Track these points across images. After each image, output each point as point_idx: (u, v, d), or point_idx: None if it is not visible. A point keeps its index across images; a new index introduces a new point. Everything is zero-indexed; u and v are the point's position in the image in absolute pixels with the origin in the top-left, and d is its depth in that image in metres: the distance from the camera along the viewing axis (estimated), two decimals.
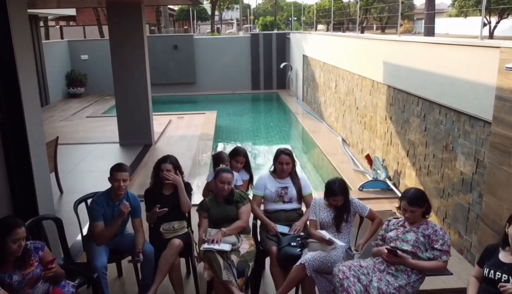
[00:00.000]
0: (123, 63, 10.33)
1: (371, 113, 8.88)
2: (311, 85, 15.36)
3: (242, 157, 5.22)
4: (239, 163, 5.20)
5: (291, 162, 4.87)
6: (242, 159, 5.22)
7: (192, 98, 19.66)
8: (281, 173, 4.90)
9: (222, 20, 74.64)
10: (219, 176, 4.44)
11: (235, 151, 5.28)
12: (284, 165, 4.84)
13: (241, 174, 5.33)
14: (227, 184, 4.40)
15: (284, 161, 4.84)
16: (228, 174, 4.43)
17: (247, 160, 5.31)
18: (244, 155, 5.25)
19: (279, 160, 4.90)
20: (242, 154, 5.24)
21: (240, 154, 5.22)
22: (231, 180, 4.44)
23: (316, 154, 10.91)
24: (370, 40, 8.79)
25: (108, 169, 4.56)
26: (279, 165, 4.89)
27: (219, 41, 20.41)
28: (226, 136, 13.23)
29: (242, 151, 5.26)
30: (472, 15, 39.07)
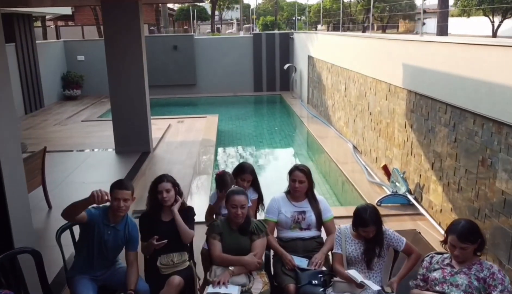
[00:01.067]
0: (118, 64, 9.65)
1: (387, 119, 8.19)
2: (317, 88, 14.67)
3: (249, 174, 4.57)
4: (246, 181, 4.55)
5: (305, 180, 4.20)
6: (249, 177, 4.56)
7: (192, 100, 18.98)
8: (294, 193, 4.24)
9: (222, 20, 74.11)
10: (230, 199, 3.78)
11: (240, 168, 4.61)
12: (297, 183, 4.17)
13: (249, 193, 4.68)
14: (241, 208, 3.73)
15: (298, 178, 4.18)
16: (240, 196, 3.78)
17: (254, 177, 4.65)
18: (251, 172, 4.59)
19: (292, 177, 4.24)
20: (249, 171, 4.58)
21: (246, 171, 4.57)
22: (244, 203, 3.79)
23: (325, 162, 10.22)
24: (386, 40, 8.11)
25: (102, 179, 3.91)
26: (291, 183, 4.23)
27: (220, 41, 19.73)
28: (228, 142, 12.54)
29: (248, 168, 4.60)
30: (475, 15, 38.50)
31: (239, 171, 4.57)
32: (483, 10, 33.59)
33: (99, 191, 3.50)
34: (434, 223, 6.24)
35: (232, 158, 10.93)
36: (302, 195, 4.28)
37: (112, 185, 3.79)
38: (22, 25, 14.99)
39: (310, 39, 15.46)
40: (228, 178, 4.41)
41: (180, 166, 9.28)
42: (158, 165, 9.48)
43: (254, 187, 4.68)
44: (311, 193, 4.34)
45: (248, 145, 12.08)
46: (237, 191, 3.84)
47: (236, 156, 11.14)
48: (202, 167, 9.26)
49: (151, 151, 10.24)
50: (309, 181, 4.27)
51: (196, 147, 10.80)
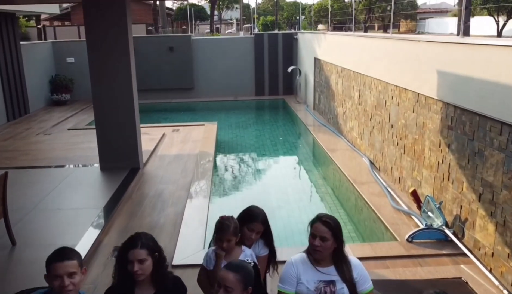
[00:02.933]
0: (103, 68, 8.49)
1: (414, 135, 6.99)
2: (324, 93, 13.47)
3: (260, 224, 3.41)
4: (255, 232, 3.39)
5: (330, 238, 3.00)
6: (259, 227, 3.42)
7: (190, 105, 17.77)
8: (314, 254, 3.04)
9: (222, 20, 72.99)
10: (219, 278, 2.63)
11: (249, 215, 3.46)
12: (317, 240, 2.99)
13: (257, 247, 3.53)
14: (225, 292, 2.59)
15: (319, 233, 3.01)
16: (229, 275, 2.62)
17: (266, 227, 3.49)
18: (262, 221, 3.44)
19: (312, 230, 3.05)
20: (260, 219, 3.43)
21: (256, 219, 3.43)
22: (233, 286, 2.62)
23: (338, 180, 9.02)
24: (415, 42, 6.91)
25: (81, 204, 2.89)
26: (310, 239, 3.03)
27: (219, 42, 18.53)
28: (228, 155, 11.35)
29: (259, 215, 3.45)
30: (479, 14, 37.42)
31: (247, 218, 3.42)
32: (488, 10, 32.52)
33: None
34: (483, 268, 5.05)
35: (232, 177, 9.72)
36: (326, 257, 3.07)
37: (49, 259, 2.59)
38: (4, 24, 13.79)
39: (316, 39, 14.27)
40: (230, 225, 3.25)
41: (172, 187, 8.08)
42: (147, 185, 8.27)
43: (265, 239, 3.53)
44: (339, 255, 3.12)
45: (249, 160, 10.87)
46: (232, 267, 2.67)
47: (236, 174, 9.93)
48: (198, 188, 8.05)
49: (140, 167, 9.04)
50: (335, 238, 3.05)
51: (192, 161, 9.60)
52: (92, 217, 6.71)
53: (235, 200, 8.14)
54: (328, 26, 47.32)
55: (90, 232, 6.23)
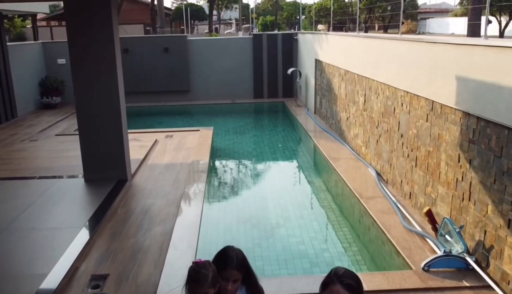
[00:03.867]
0: (85, 71, 7.82)
1: (428, 147, 6.31)
2: (326, 96, 12.79)
3: (235, 270, 2.72)
4: (230, 281, 2.71)
5: None
6: (235, 275, 2.74)
7: (186, 108, 17.08)
8: None
9: (221, 20, 72.38)
10: None
11: (222, 259, 2.77)
12: None
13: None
14: None
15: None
16: None
17: (247, 273, 2.79)
18: (238, 267, 2.74)
19: (326, 292, 2.36)
20: (235, 264, 2.73)
21: (230, 264, 2.74)
22: None
23: (342, 193, 8.34)
24: (430, 44, 6.21)
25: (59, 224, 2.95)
26: None
27: (216, 42, 17.84)
28: (223, 164, 10.67)
29: (233, 259, 2.75)
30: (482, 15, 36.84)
31: (220, 263, 2.72)
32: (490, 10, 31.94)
33: None
34: None
35: (228, 190, 9.02)
36: None
37: None
38: None
39: (318, 40, 13.58)
40: (208, 274, 2.57)
41: (161, 202, 7.39)
42: (135, 199, 7.59)
43: (248, 286, 2.84)
44: None
45: (246, 170, 10.17)
46: None
47: (232, 187, 9.24)
48: (189, 204, 7.36)
49: (128, 179, 8.35)
50: None
51: (185, 172, 8.91)
52: (70, 238, 6.02)
53: (231, 218, 7.45)
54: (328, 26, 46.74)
55: (66, 257, 5.53)
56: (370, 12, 45.88)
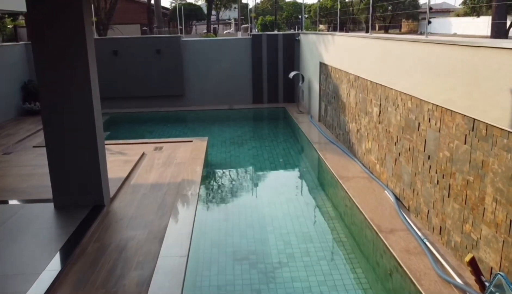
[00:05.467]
0: (52, 76, 6.60)
1: (467, 175, 5.11)
2: (332, 104, 11.59)
3: None
4: None
5: None
6: None
7: (179, 115, 15.88)
8: None
9: (220, 19, 71.29)
10: None
11: None
12: None
13: None
14: None
15: None
16: None
17: None
18: None
19: None
20: None
21: None
22: None
23: (355, 223, 7.14)
24: (470, 48, 5.00)
25: (13, 268, 1.73)
26: None
27: (213, 43, 16.63)
28: (218, 183, 9.45)
29: None
30: (485, 14, 35.79)
31: None
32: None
33: None
34: None
35: (221, 217, 7.79)
36: None
37: None
38: None
39: (322, 41, 12.39)
40: None
41: (142, 235, 6.19)
42: (110, 232, 6.38)
43: None
44: None
45: (243, 192, 8.92)
46: None
47: (226, 214, 8.01)
48: (175, 237, 6.14)
49: (106, 204, 7.15)
50: None
51: (173, 193, 7.72)
52: (22, 290, 4.82)
53: (225, 255, 6.23)
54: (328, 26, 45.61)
55: None
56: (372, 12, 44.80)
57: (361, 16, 49.08)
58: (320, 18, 38.11)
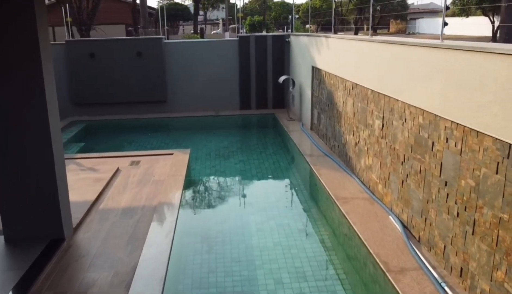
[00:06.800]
0: None
1: (499, 212, 4.17)
2: (326, 112, 10.64)
3: None
4: None
5: None
6: None
7: (162, 122, 14.82)
8: None
9: (207, 20, 70.24)
10: None
11: None
12: None
13: None
14: None
15: None
16: None
17: None
18: None
19: None
20: None
21: None
22: None
23: (357, 258, 6.19)
24: (498, 55, 4.07)
25: None
26: None
27: (197, 45, 15.60)
28: (200, 205, 8.42)
29: None
30: (475, 15, 35.34)
31: None
32: (483, 10, 30.35)
33: None
34: None
35: (203, 250, 6.75)
36: None
37: None
38: None
39: (315, 44, 11.44)
40: None
41: (106, 279, 5.17)
42: (68, 275, 5.33)
43: None
44: None
45: (228, 217, 7.89)
46: None
47: (209, 246, 6.98)
48: (144, 284, 5.11)
49: (66, 236, 6.10)
50: None
51: (147, 221, 6.70)
52: None
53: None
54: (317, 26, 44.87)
55: None
56: (360, 13, 44.12)
57: (349, 17, 48.38)
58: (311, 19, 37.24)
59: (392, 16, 51.41)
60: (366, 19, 42.82)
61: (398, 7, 48.62)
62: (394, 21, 56.92)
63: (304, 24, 38.42)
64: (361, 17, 44.08)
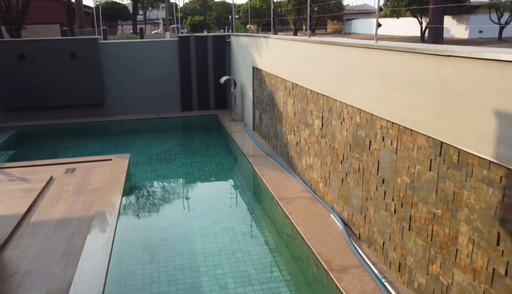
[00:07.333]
0: None
1: (433, 208, 4.31)
2: (268, 112, 10.66)
3: None
4: None
5: None
6: None
7: (100, 126, 14.23)
8: None
9: (147, 19, 68.80)
10: None
11: None
12: None
13: None
14: None
15: None
16: None
17: None
18: None
19: None
20: None
21: None
22: None
23: (301, 258, 6.21)
24: (434, 57, 4.15)
25: None
26: None
27: (136, 46, 15.12)
28: (140, 213, 8.12)
29: None
30: (405, 16, 37.20)
31: None
32: (412, 11, 31.96)
33: None
34: None
35: (144, 262, 6.51)
36: None
37: None
38: None
39: (255, 45, 11.43)
40: None
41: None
42: None
43: None
44: None
45: (171, 224, 7.68)
46: None
47: (151, 255, 6.75)
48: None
49: None
50: None
51: (83, 233, 6.36)
52: None
53: None
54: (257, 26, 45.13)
55: None
56: (299, 14, 44.89)
57: (289, 17, 49.10)
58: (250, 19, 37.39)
59: (329, 17, 52.83)
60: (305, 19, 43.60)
61: (334, 8, 49.99)
62: (331, 22, 58.54)
63: (244, 24, 38.56)
64: (300, 17, 44.88)
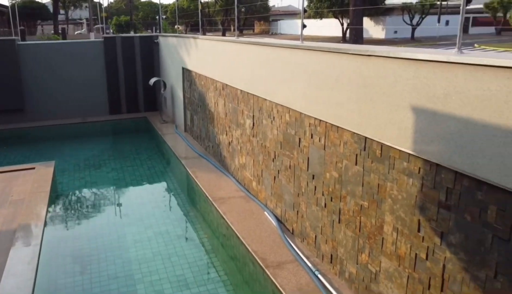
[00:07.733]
0: None
1: (360, 200, 4.52)
2: (199, 113, 10.60)
3: None
4: None
5: None
6: None
7: (20, 133, 13.37)
8: None
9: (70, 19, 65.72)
10: None
11: None
12: None
13: None
14: None
15: None
16: None
17: None
18: None
19: None
20: None
21: None
22: None
23: (237, 257, 6.25)
24: (359, 57, 4.34)
25: None
26: None
27: (58, 47, 14.38)
28: (68, 225, 7.73)
29: None
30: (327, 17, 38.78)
31: None
32: (333, 13, 33.33)
33: None
34: None
35: (74, 275, 6.22)
36: None
37: None
38: None
39: (184, 45, 11.30)
40: None
41: None
42: None
43: None
44: None
45: (103, 232, 7.38)
46: None
47: (81, 268, 6.46)
48: None
49: None
50: None
51: (5, 247, 5.96)
52: None
53: None
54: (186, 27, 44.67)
55: None
56: (226, 14, 45.02)
57: (217, 18, 49.07)
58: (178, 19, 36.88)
59: (256, 18, 53.50)
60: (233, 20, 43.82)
61: (261, 9, 50.70)
62: (258, 22, 59.37)
63: (172, 25, 37.98)
64: (228, 18, 45.00)
